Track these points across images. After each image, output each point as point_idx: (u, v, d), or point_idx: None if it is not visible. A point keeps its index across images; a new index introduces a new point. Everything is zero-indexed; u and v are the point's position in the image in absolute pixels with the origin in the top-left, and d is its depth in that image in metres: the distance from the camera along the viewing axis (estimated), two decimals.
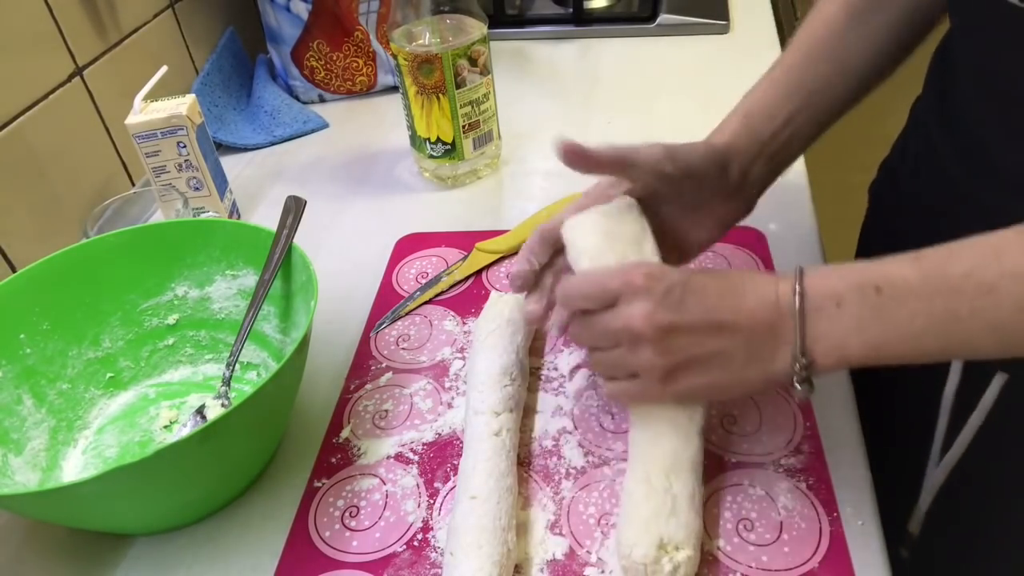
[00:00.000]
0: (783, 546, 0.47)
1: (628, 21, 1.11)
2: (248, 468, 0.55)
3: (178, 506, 0.52)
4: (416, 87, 0.78)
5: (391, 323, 0.67)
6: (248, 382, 0.63)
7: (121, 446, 0.59)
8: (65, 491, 0.44)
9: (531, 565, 0.48)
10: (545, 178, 0.85)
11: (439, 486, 0.53)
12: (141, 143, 0.73)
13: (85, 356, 0.61)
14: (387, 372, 0.62)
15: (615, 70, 1.04)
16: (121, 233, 0.61)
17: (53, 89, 0.74)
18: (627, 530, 0.45)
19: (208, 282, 0.63)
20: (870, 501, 0.49)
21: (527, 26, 1.12)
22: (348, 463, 0.56)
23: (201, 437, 0.45)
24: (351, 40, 0.98)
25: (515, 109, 0.94)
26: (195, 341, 0.65)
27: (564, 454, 0.54)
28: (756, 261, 0.68)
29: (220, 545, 0.52)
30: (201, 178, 0.76)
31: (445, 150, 0.82)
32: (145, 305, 0.63)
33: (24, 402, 0.57)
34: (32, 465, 0.55)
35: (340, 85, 1.02)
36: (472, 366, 0.58)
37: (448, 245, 0.75)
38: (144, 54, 0.88)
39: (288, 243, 0.59)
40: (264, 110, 0.98)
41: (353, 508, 0.53)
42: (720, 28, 1.08)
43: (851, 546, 0.47)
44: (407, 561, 0.49)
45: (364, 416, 0.59)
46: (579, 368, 0.61)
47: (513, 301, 0.61)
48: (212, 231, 0.62)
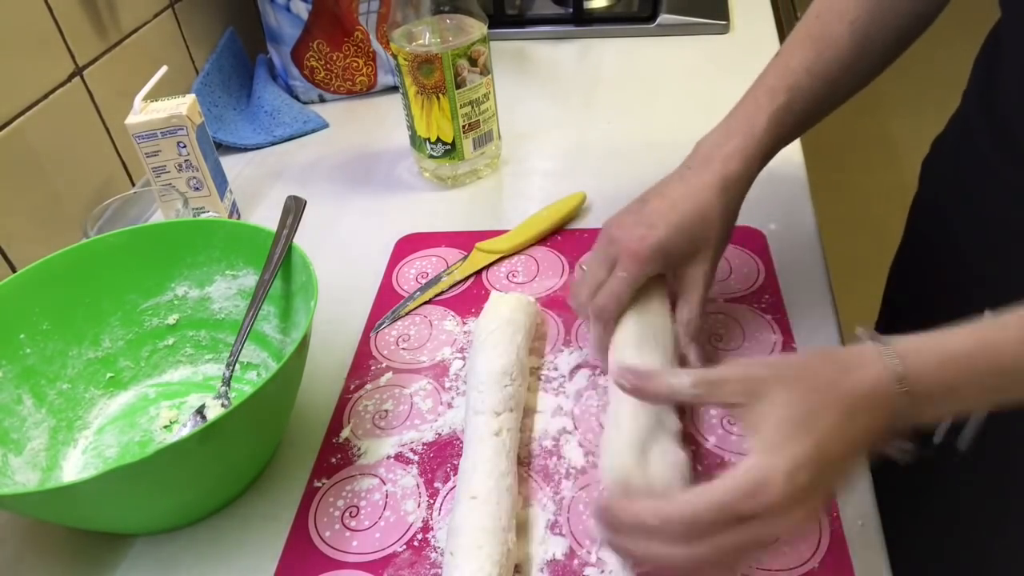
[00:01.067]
0: (783, 546, 0.47)
1: (628, 21, 1.11)
2: (248, 468, 0.55)
3: (178, 506, 0.52)
4: (416, 87, 0.78)
5: (391, 323, 0.67)
6: (248, 382, 0.63)
7: (121, 446, 0.59)
8: (65, 491, 0.44)
9: (531, 565, 0.48)
10: (545, 178, 0.85)
11: (439, 486, 0.53)
12: (141, 143, 0.73)
13: (85, 356, 0.61)
14: (387, 372, 0.62)
15: (615, 70, 1.04)
16: (121, 233, 0.61)
17: (53, 89, 0.74)
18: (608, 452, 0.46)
19: (208, 282, 0.63)
20: (870, 501, 0.49)
21: (527, 26, 1.12)
22: (348, 463, 0.56)
23: (201, 437, 0.45)
24: (351, 40, 0.98)
25: (515, 109, 0.94)
26: (195, 341, 0.65)
27: (564, 454, 0.54)
28: (756, 261, 0.68)
29: (220, 545, 0.52)
30: (201, 178, 0.76)
31: (445, 150, 0.82)
32: (145, 305, 0.63)
33: (24, 402, 0.57)
34: (32, 465, 0.55)
35: (340, 85, 1.02)
36: (472, 366, 0.58)
37: (448, 245, 0.75)
38: (144, 54, 0.88)
39: (288, 243, 0.59)
40: (264, 110, 0.98)
41: (353, 508, 0.53)
42: (720, 28, 1.08)
43: (851, 546, 0.47)
44: (407, 561, 0.49)
45: (364, 416, 0.59)
46: (579, 368, 0.61)
47: (513, 301, 0.61)
48: (212, 231, 0.62)
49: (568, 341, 0.63)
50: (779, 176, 0.79)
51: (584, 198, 0.77)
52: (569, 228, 0.76)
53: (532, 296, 0.64)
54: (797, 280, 0.66)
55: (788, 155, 0.81)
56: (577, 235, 0.74)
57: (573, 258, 0.71)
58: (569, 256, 0.72)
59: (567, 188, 0.79)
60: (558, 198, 0.77)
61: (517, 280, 0.70)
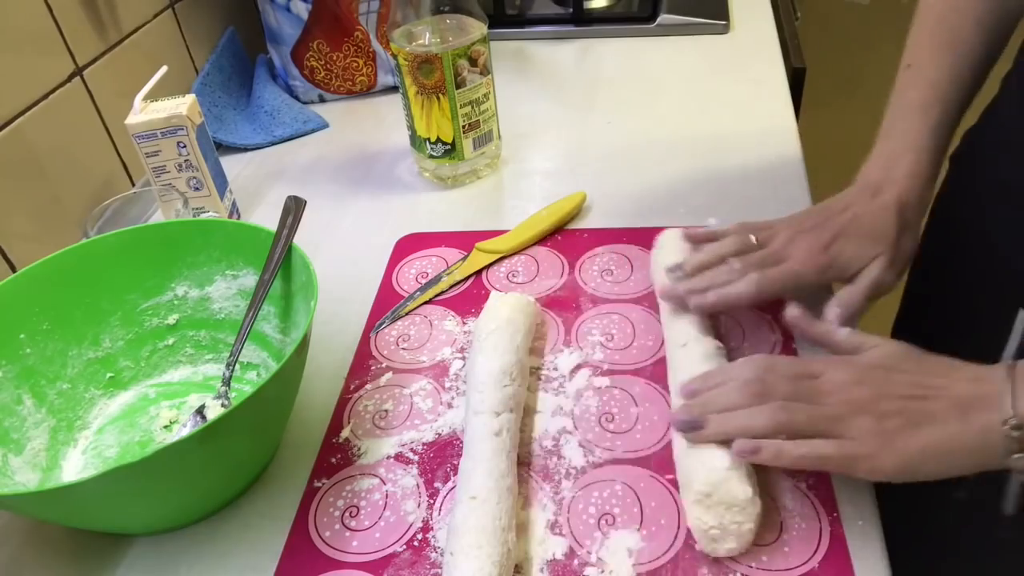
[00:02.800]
0: (783, 546, 0.47)
1: (628, 21, 1.11)
2: (248, 468, 0.55)
3: (178, 506, 0.52)
4: (416, 87, 0.78)
5: (391, 323, 0.67)
6: (248, 382, 0.63)
7: (121, 446, 0.59)
8: (65, 491, 0.44)
9: (531, 565, 0.48)
10: (545, 178, 0.85)
11: (439, 486, 0.53)
12: (141, 143, 0.73)
13: (85, 356, 0.61)
14: (387, 372, 0.62)
15: (615, 70, 1.04)
16: (121, 233, 0.61)
17: (53, 89, 0.74)
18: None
19: (208, 282, 0.63)
20: (870, 501, 0.49)
21: (527, 26, 1.12)
22: (348, 463, 0.56)
23: (201, 437, 0.45)
24: (351, 40, 0.98)
25: (515, 109, 0.94)
26: (195, 341, 0.65)
27: (564, 454, 0.54)
28: None
29: (220, 545, 0.52)
30: (201, 178, 0.76)
31: (445, 150, 0.82)
32: (145, 305, 0.63)
33: (24, 402, 0.57)
34: (32, 465, 0.55)
35: (340, 85, 1.02)
36: (472, 366, 0.58)
37: (448, 245, 0.75)
38: (144, 54, 0.88)
39: (288, 243, 0.59)
40: (264, 110, 0.98)
41: (353, 508, 0.53)
42: (720, 28, 1.08)
43: (851, 546, 0.47)
44: (407, 561, 0.49)
45: (364, 416, 0.59)
46: (579, 368, 0.61)
47: (513, 301, 0.61)
48: (212, 231, 0.62)
49: (568, 341, 0.63)
50: (779, 176, 0.79)
51: (584, 198, 0.77)
52: (569, 228, 0.76)
53: (532, 296, 0.64)
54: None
55: (788, 155, 0.82)
56: (577, 235, 0.74)
57: (573, 258, 0.71)
58: (569, 256, 0.72)
59: (567, 188, 0.79)
60: (558, 198, 0.77)
61: (517, 280, 0.70)
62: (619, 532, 0.49)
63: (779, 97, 0.92)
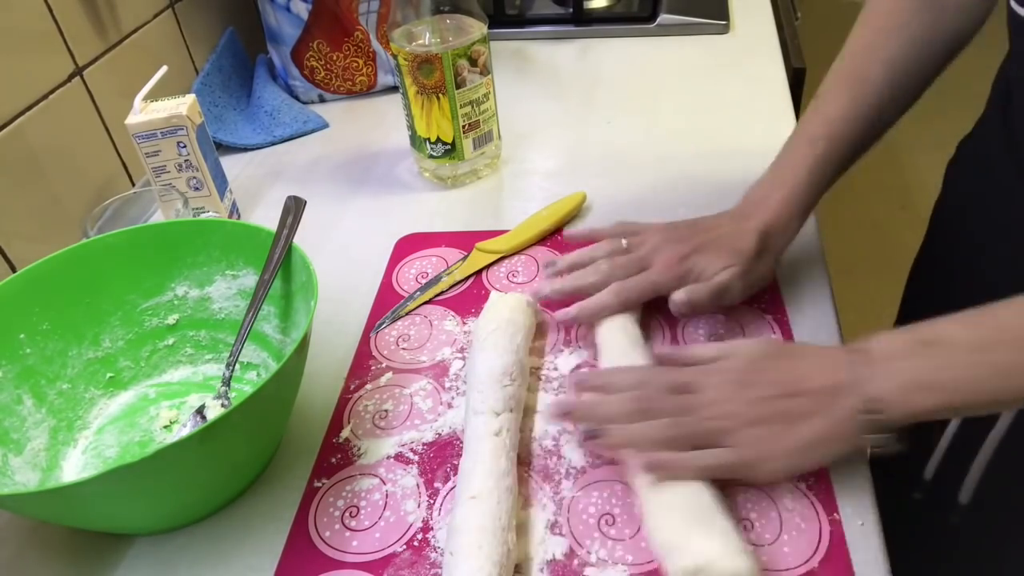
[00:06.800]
0: (783, 546, 0.47)
1: (628, 21, 1.11)
2: (248, 468, 0.55)
3: (178, 506, 0.52)
4: (416, 87, 0.78)
5: (391, 323, 0.67)
6: (248, 382, 0.63)
7: (121, 446, 0.59)
8: (65, 491, 0.44)
9: (531, 565, 0.48)
10: (545, 178, 0.85)
11: (439, 486, 0.53)
12: (141, 143, 0.73)
13: (85, 356, 0.61)
14: (387, 372, 0.62)
15: (615, 70, 1.04)
16: (121, 233, 0.61)
17: (53, 89, 0.74)
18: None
19: (208, 282, 0.63)
20: (870, 501, 0.49)
21: (527, 26, 1.12)
22: (348, 463, 0.56)
23: (201, 437, 0.45)
24: (351, 40, 0.98)
25: (515, 109, 0.94)
26: (195, 341, 0.65)
27: (564, 454, 0.54)
28: None
29: (220, 545, 0.52)
30: (201, 178, 0.76)
31: (445, 150, 0.82)
32: (145, 305, 0.63)
33: (24, 402, 0.57)
34: (32, 465, 0.55)
35: (340, 85, 1.02)
36: (472, 366, 0.58)
37: (448, 245, 0.75)
38: (144, 54, 0.88)
39: (288, 243, 0.59)
40: (264, 110, 0.98)
41: (353, 508, 0.53)
42: (720, 28, 1.08)
43: (851, 546, 0.47)
44: (407, 561, 0.49)
45: (364, 416, 0.59)
46: (579, 368, 0.61)
47: (513, 301, 0.61)
48: (212, 231, 0.62)
49: (568, 341, 0.63)
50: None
51: (584, 198, 0.77)
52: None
53: (532, 296, 0.64)
54: (797, 280, 0.66)
55: None
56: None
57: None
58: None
59: (567, 188, 0.79)
60: (558, 198, 0.77)
61: (517, 280, 0.70)
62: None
63: (779, 97, 0.92)
